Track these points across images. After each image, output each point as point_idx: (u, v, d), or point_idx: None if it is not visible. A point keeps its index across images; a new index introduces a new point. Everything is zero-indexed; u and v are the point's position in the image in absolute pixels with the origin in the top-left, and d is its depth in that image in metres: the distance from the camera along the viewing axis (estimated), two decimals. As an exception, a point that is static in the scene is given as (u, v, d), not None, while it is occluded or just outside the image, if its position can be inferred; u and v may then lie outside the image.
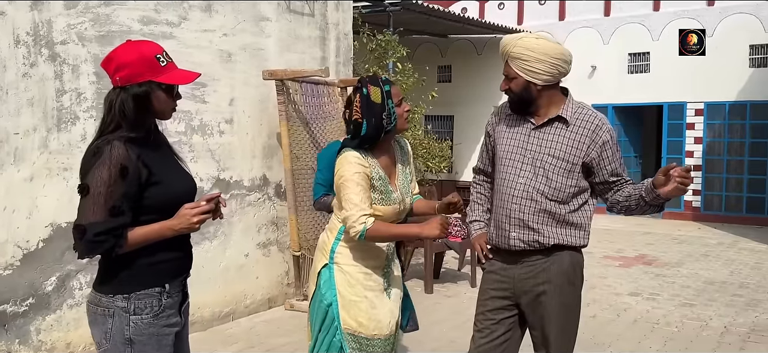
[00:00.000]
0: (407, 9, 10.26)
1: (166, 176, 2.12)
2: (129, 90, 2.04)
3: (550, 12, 14.11)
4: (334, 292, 2.66)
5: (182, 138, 4.95)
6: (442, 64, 15.32)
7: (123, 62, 2.05)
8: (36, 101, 4.08)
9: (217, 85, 5.23)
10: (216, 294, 5.26)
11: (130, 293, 2.04)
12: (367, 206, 2.56)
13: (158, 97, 2.08)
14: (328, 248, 2.72)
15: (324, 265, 2.72)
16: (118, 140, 2.01)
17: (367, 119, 2.59)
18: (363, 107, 2.60)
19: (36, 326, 4.11)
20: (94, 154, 2.00)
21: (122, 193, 1.99)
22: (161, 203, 2.07)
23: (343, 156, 2.62)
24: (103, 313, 2.05)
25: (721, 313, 5.87)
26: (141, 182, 2.03)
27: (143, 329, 2.05)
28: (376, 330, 2.66)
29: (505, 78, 2.65)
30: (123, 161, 1.98)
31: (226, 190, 5.34)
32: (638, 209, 2.60)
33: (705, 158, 12.62)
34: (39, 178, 4.10)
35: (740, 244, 9.92)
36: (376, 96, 2.60)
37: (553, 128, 2.61)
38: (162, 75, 2.07)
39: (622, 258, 8.59)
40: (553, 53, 2.55)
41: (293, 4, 5.94)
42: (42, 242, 4.12)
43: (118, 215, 1.98)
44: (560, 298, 2.63)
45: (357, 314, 2.64)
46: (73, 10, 4.23)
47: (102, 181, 1.96)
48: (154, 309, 2.07)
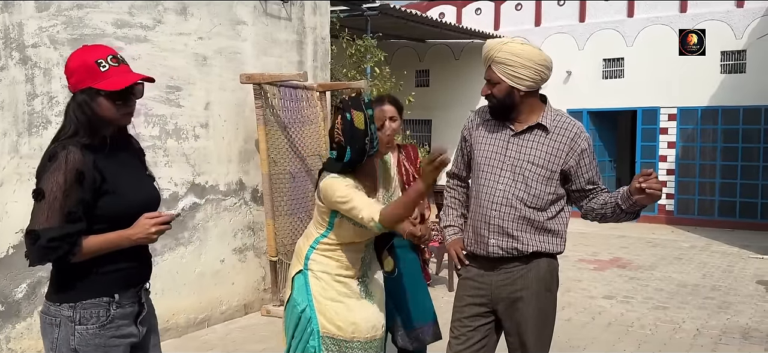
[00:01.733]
0: (385, 13, 10.27)
1: (121, 185, 2.06)
2: (75, 98, 2.03)
3: (527, 17, 14.25)
4: (308, 298, 2.66)
5: (156, 142, 4.89)
6: (420, 68, 15.37)
7: (69, 69, 2.04)
8: (6, 104, 4.00)
9: (193, 89, 5.18)
10: (191, 300, 5.20)
11: (76, 302, 2.01)
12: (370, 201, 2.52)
13: (100, 103, 2.01)
14: (303, 255, 2.73)
15: (298, 271, 2.72)
16: (74, 145, 1.98)
17: (351, 145, 2.56)
18: (346, 133, 2.56)
19: (6, 334, 4.02)
20: (50, 158, 1.97)
21: (78, 199, 1.95)
22: (113, 213, 2.03)
23: (332, 181, 2.58)
24: (51, 322, 2.03)
25: (694, 316, 5.96)
26: (95, 188, 1.99)
27: (89, 339, 2.01)
28: (355, 333, 2.65)
29: (488, 83, 2.64)
30: (79, 166, 1.95)
31: (202, 195, 5.28)
32: (614, 216, 2.62)
33: (678, 162, 12.83)
34: (9, 183, 4.02)
35: (712, 247, 10.09)
36: (359, 122, 2.56)
37: (533, 136, 2.62)
38: (101, 81, 2.00)
39: (597, 261, 8.69)
40: (538, 59, 2.56)
41: (270, 7, 5.91)
42: (12, 249, 4.04)
43: (75, 221, 1.95)
44: (537, 304, 2.64)
45: (333, 317, 2.64)
46: (45, 13, 4.16)
47: (58, 186, 1.93)
48: (101, 319, 2.03)
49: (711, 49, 12.26)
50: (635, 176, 2.47)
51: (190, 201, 5.18)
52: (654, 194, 2.40)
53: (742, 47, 12.14)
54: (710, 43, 12.22)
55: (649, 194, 2.40)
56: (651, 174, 2.42)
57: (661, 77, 12.70)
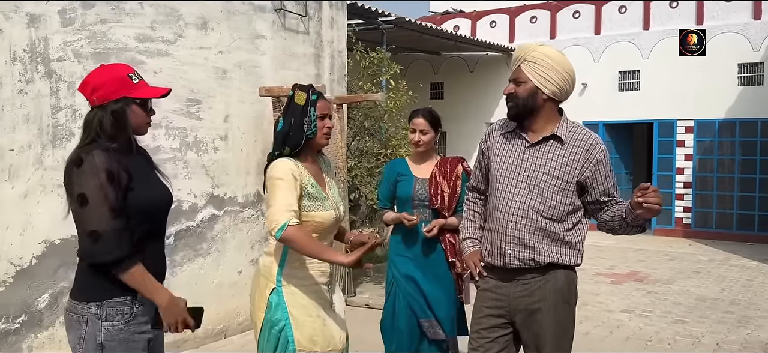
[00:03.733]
0: (400, 27, 10.33)
1: (145, 182, 2.23)
2: (106, 108, 2.17)
3: (542, 30, 14.25)
4: (285, 315, 2.61)
5: (177, 155, 4.95)
6: (435, 81, 15.41)
7: (98, 84, 2.18)
8: (31, 117, 4.08)
9: (213, 102, 5.25)
10: (209, 311, 5.18)
11: (102, 300, 2.14)
12: (295, 205, 2.53)
13: (134, 111, 2.22)
14: (274, 272, 2.66)
15: (272, 290, 2.65)
16: (97, 149, 2.11)
17: (286, 118, 2.68)
18: (285, 108, 2.73)
19: (28, 343, 4.08)
20: (77, 165, 2.09)
21: (115, 195, 2.10)
22: (140, 207, 2.18)
23: (275, 162, 2.64)
24: (78, 319, 2.16)
25: (713, 330, 5.90)
26: (123, 185, 2.13)
27: (114, 334, 2.15)
28: (330, 346, 2.68)
29: (513, 82, 2.66)
30: (107, 166, 2.09)
31: (220, 206, 5.34)
32: (622, 229, 2.64)
33: (695, 175, 12.72)
34: (33, 194, 4.10)
35: (731, 261, 9.99)
36: (299, 99, 2.69)
37: (548, 147, 2.64)
38: (135, 91, 2.21)
39: (614, 275, 8.63)
40: (568, 68, 2.63)
41: (288, 22, 5.98)
42: (35, 259, 4.11)
43: (119, 216, 2.10)
44: (555, 316, 2.64)
45: (311, 333, 2.62)
46: (69, 28, 4.25)
47: (97, 186, 2.07)
48: (125, 315, 2.17)
49: (728, 62, 12.19)
50: (635, 190, 2.48)
51: (209, 213, 5.24)
52: (652, 208, 2.41)
53: (760, 60, 12.05)
54: (727, 56, 12.17)
55: (647, 208, 2.42)
56: (649, 188, 2.43)
57: (678, 90, 12.63)
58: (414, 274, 3.68)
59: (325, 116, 2.72)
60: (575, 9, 13.91)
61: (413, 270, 3.68)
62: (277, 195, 2.53)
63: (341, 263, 2.50)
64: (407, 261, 3.71)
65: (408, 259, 3.71)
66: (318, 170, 2.78)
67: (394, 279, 3.74)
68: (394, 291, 3.73)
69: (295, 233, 2.47)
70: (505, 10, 14.80)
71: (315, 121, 2.68)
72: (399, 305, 3.69)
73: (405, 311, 3.67)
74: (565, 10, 14.04)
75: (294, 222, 2.48)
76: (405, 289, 3.68)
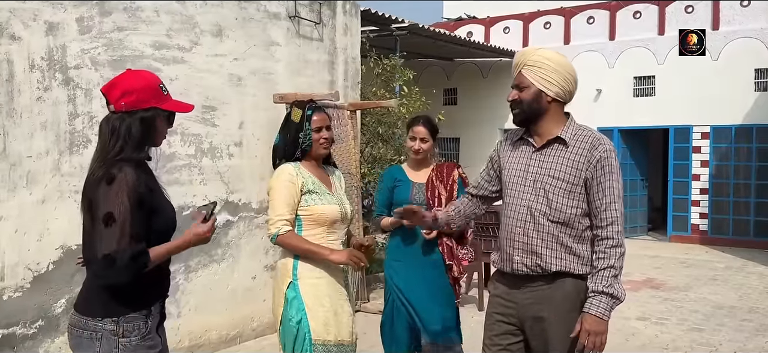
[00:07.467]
0: (414, 33, 10.34)
1: (162, 202, 2.22)
2: (135, 114, 2.13)
3: (556, 36, 14.19)
4: (302, 307, 2.82)
5: (192, 161, 4.99)
6: (448, 87, 15.40)
7: (129, 88, 2.13)
8: (49, 124, 4.13)
9: (227, 108, 5.29)
10: (223, 316, 5.26)
11: (119, 316, 2.09)
12: (287, 214, 2.82)
13: (161, 122, 2.23)
14: (291, 267, 2.88)
15: (288, 284, 2.86)
16: (128, 165, 2.06)
17: (282, 133, 2.98)
18: (282, 124, 3.01)
19: (45, 348, 4.12)
20: (109, 181, 2.03)
21: (139, 218, 2.06)
22: (157, 230, 2.16)
23: (277, 169, 2.92)
24: (90, 336, 2.08)
25: (731, 338, 5.83)
26: (146, 207, 2.10)
27: (131, 350, 2.10)
28: (341, 336, 2.86)
29: (516, 88, 2.66)
30: (137, 187, 2.05)
31: (235, 212, 5.37)
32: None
33: (712, 181, 12.59)
34: (51, 200, 4.14)
35: (748, 268, 9.87)
36: (296, 116, 2.95)
37: (553, 149, 2.63)
38: (165, 103, 2.23)
39: (630, 282, 8.56)
40: (569, 68, 2.63)
41: (302, 29, 6.01)
42: (52, 265, 4.15)
43: (140, 240, 2.06)
44: (564, 326, 2.58)
45: (325, 320, 2.81)
46: (86, 36, 4.30)
47: (125, 208, 2.02)
48: (142, 330, 2.13)
49: (744, 67, 12.07)
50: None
51: (224, 219, 5.27)
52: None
53: (777, 65, 11.92)
54: (744, 61, 12.04)
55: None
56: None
57: (694, 95, 12.52)
58: (406, 285, 3.70)
59: (321, 128, 2.95)
60: (589, 14, 13.85)
61: (406, 279, 3.71)
62: (272, 204, 2.85)
63: (329, 260, 2.83)
64: (400, 269, 3.74)
65: (402, 266, 3.73)
66: (323, 173, 3.01)
67: (390, 286, 3.79)
68: (391, 297, 3.78)
69: (285, 239, 2.82)
70: (519, 16, 14.76)
71: (310, 135, 2.92)
72: (396, 311, 3.74)
73: (401, 317, 3.72)
74: (579, 16, 13.98)
75: (284, 230, 2.81)
76: (399, 298, 3.74)
